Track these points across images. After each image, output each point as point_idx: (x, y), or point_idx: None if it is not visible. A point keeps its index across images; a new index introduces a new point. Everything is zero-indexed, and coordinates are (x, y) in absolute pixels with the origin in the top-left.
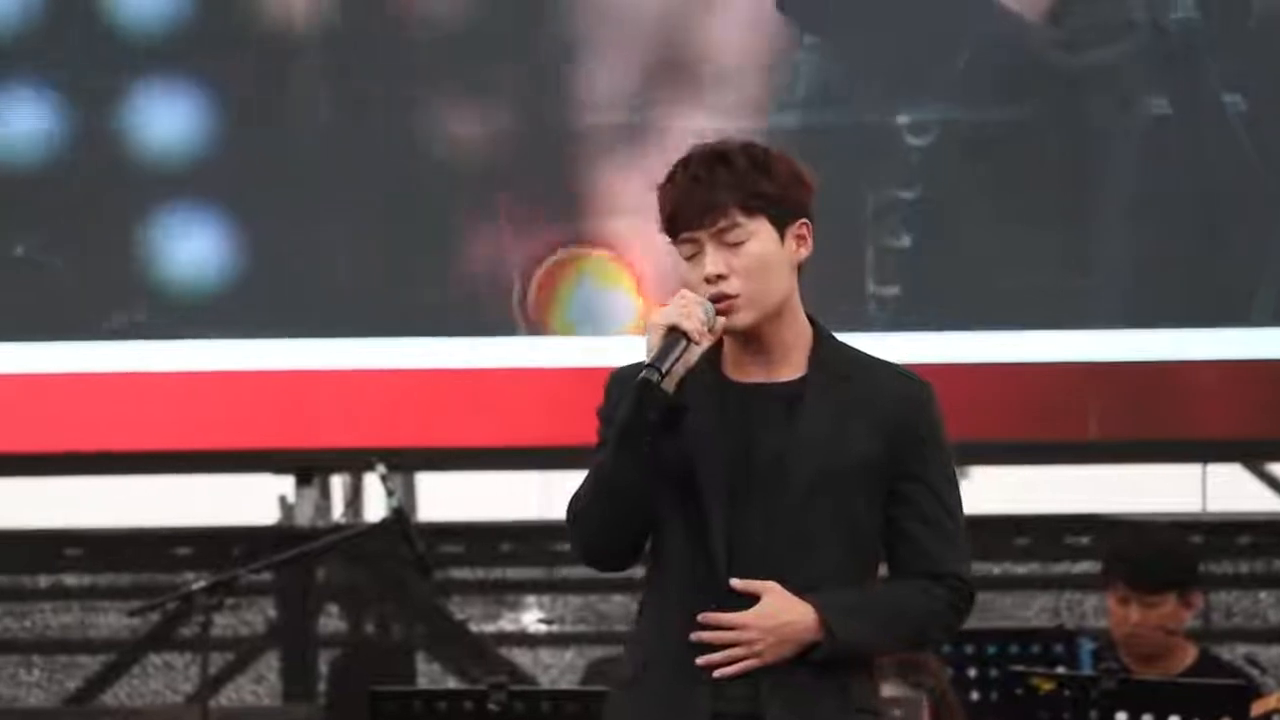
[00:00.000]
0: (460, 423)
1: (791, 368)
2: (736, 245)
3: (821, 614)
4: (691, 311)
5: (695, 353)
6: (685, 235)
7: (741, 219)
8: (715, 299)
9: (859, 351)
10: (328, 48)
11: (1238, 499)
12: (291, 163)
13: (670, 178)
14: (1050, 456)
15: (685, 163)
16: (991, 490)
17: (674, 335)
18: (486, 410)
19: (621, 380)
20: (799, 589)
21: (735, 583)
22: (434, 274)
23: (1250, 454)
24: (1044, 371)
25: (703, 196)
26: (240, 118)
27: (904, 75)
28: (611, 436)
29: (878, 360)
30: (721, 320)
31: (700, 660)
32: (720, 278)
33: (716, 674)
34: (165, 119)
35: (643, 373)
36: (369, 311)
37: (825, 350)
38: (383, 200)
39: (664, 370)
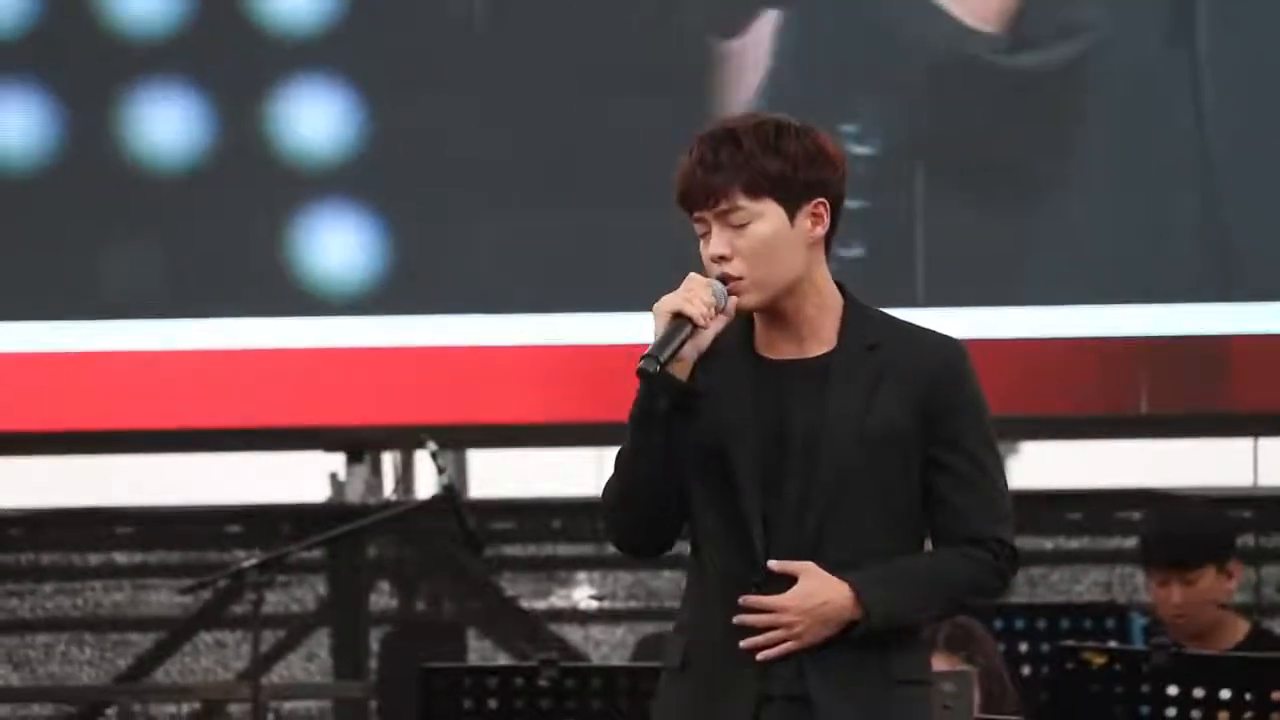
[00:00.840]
0: (511, 399)
1: (821, 342)
2: (740, 227)
3: (857, 591)
4: (695, 295)
5: (705, 336)
6: (695, 215)
7: (745, 201)
8: (723, 279)
9: (890, 318)
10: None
11: None
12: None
13: (688, 153)
14: (1102, 431)
15: (698, 142)
16: (1043, 465)
17: (678, 321)
18: (537, 386)
19: None
20: (840, 566)
21: (772, 564)
22: (487, 252)
23: None
24: (1095, 346)
25: (707, 178)
26: None
27: (849, 83)
28: (628, 427)
29: (909, 325)
30: (733, 300)
31: (744, 644)
32: (723, 259)
33: (759, 656)
34: (161, 123)
35: (640, 363)
36: (422, 289)
37: (855, 320)
38: (440, 183)
39: (662, 359)
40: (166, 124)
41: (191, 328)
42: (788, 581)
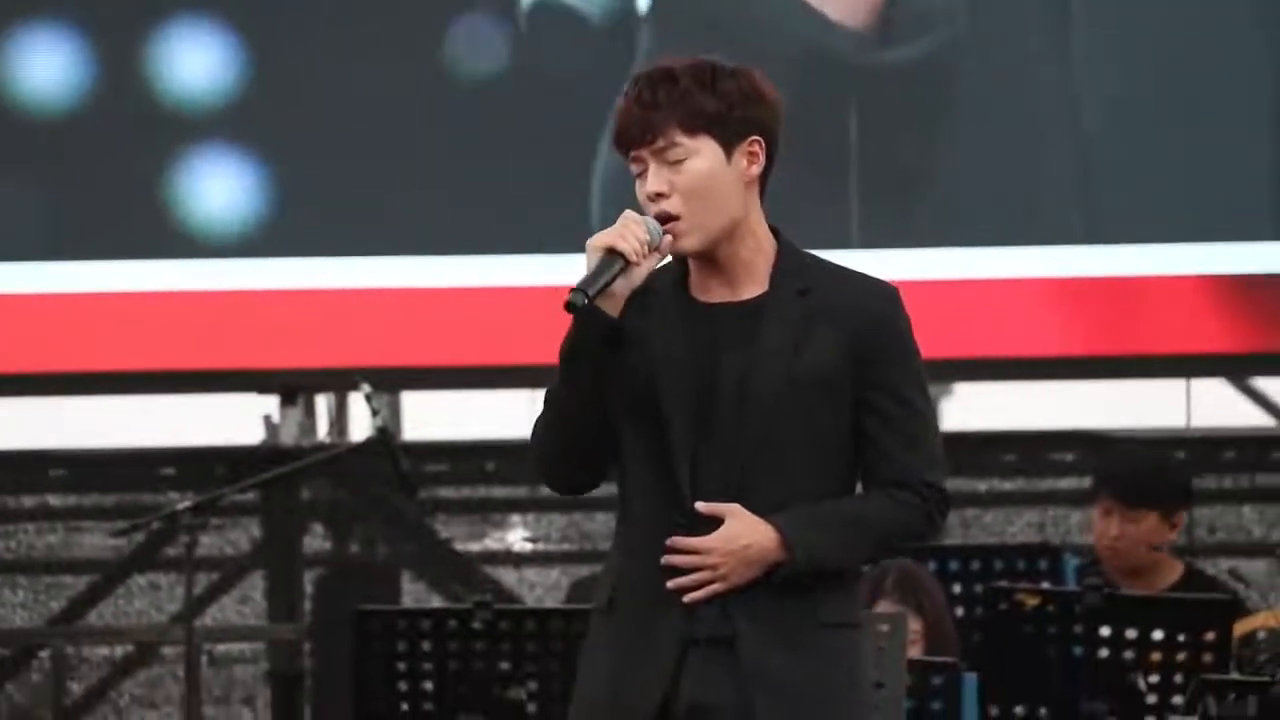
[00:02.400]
0: (445, 341)
1: (755, 284)
2: (677, 164)
3: (782, 533)
4: (629, 231)
5: (638, 273)
6: (631, 154)
7: (682, 138)
8: (660, 218)
9: (824, 261)
10: None
11: (1222, 414)
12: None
13: (625, 95)
14: (1035, 372)
15: (635, 82)
16: (976, 407)
17: (610, 256)
18: (472, 328)
19: None
20: (769, 508)
21: (698, 506)
22: (422, 191)
23: (1235, 369)
24: (1028, 287)
25: (644, 116)
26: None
27: None
28: (559, 360)
29: (842, 268)
30: (668, 239)
31: (670, 584)
32: (660, 196)
33: (685, 599)
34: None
35: (569, 296)
36: (352, 230)
37: (788, 263)
38: (370, 124)
39: (591, 293)
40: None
41: (125, 269)
42: (715, 523)
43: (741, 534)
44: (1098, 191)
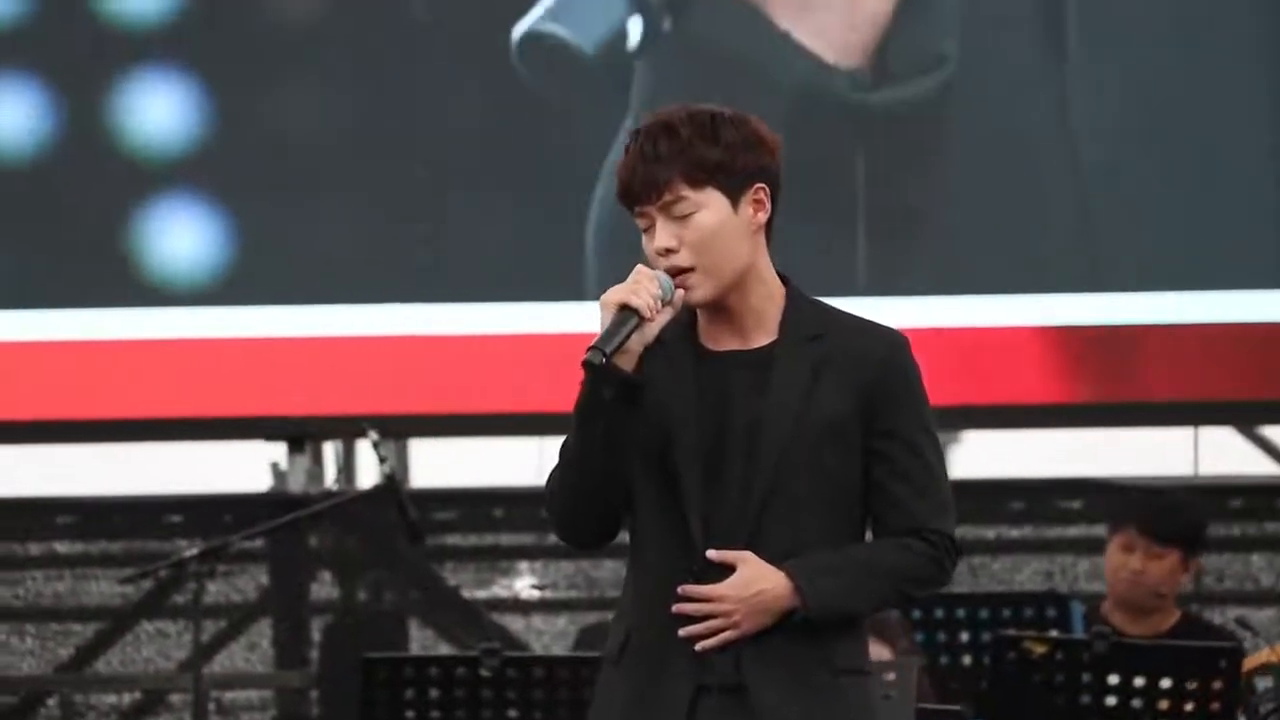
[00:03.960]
0: (453, 389)
1: (764, 332)
2: (685, 218)
3: (794, 579)
4: (642, 288)
5: (651, 328)
6: (636, 210)
7: (687, 191)
8: (671, 272)
9: (832, 309)
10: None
11: (1230, 462)
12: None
13: (626, 150)
14: (1043, 421)
15: (636, 135)
16: (984, 454)
17: (625, 313)
18: (480, 376)
19: None
20: (781, 556)
21: (710, 554)
22: (427, 240)
23: (1242, 417)
24: (1037, 335)
25: (647, 171)
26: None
27: None
28: (573, 418)
29: (851, 316)
30: (680, 293)
31: (682, 632)
32: (670, 251)
33: (698, 647)
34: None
35: (586, 355)
36: (361, 278)
37: (797, 311)
38: (374, 169)
39: (608, 351)
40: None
41: (133, 316)
42: (726, 571)
43: (754, 581)
44: (1102, 238)
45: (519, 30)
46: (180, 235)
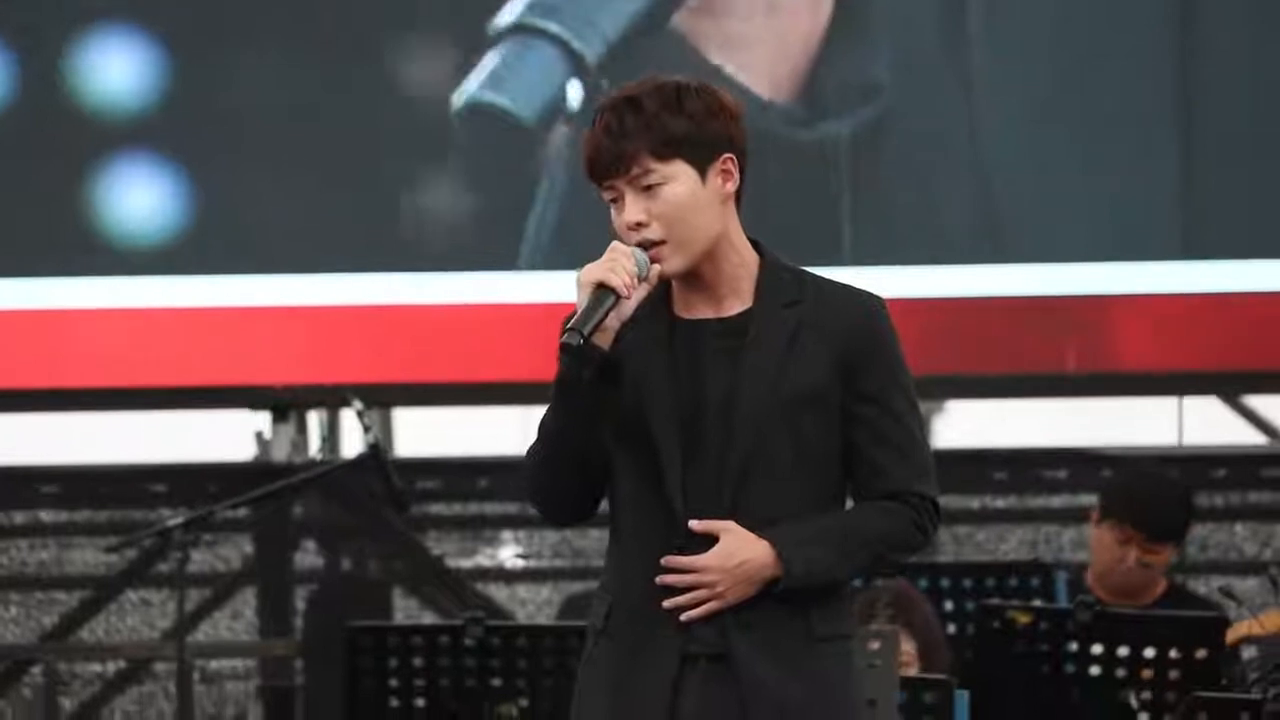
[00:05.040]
0: (437, 358)
1: (739, 299)
2: (653, 190)
3: (777, 549)
4: (618, 265)
5: (628, 306)
6: (605, 183)
7: (654, 164)
8: (644, 246)
9: (807, 273)
10: None
11: (1214, 432)
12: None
13: (592, 124)
14: (1027, 390)
15: (601, 111)
16: (968, 424)
17: (601, 291)
18: (464, 345)
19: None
20: (762, 522)
21: (693, 524)
22: (410, 208)
23: (1226, 386)
24: (1020, 305)
25: (613, 145)
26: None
27: None
28: (551, 396)
29: (826, 280)
30: (656, 267)
31: (667, 604)
32: (640, 225)
33: (683, 617)
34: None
35: (564, 336)
36: (344, 246)
37: (772, 277)
38: (351, 137)
39: (586, 331)
40: None
41: (117, 284)
42: (709, 541)
43: (736, 551)
44: (1095, 208)
45: (459, 98)
46: (142, 198)
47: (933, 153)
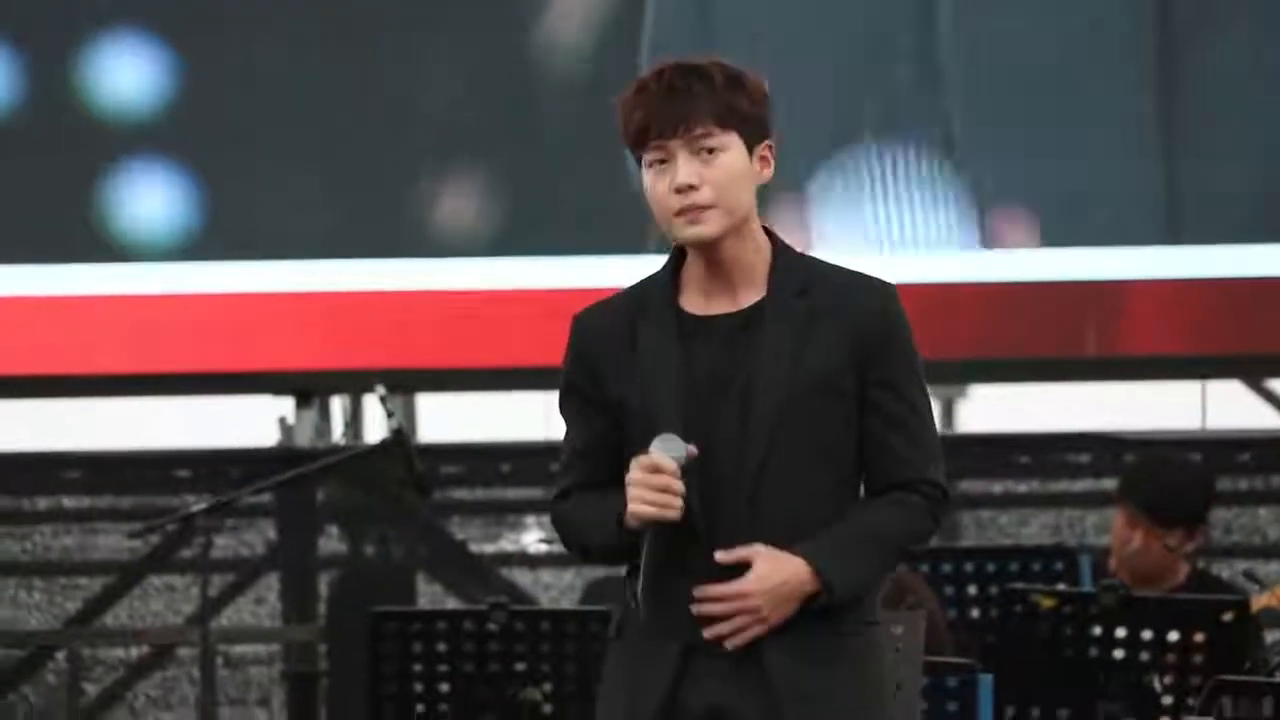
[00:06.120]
0: (460, 343)
1: (754, 289)
2: (710, 154)
3: (813, 565)
4: (670, 501)
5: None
6: (657, 143)
7: (716, 129)
8: (687, 209)
9: (818, 261)
10: None
11: (1237, 415)
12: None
13: (640, 88)
14: (1050, 374)
15: (659, 74)
16: (991, 408)
17: (657, 531)
18: (487, 331)
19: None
20: (780, 515)
21: (719, 556)
22: (431, 195)
23: (1250, 370)
24: (1042, 289)
25: (679, 105)
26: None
27: None
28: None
29: (838, 268)
30: (692, 449)
31: (708, 633)
32: (691, 188)
33: (728, 645)
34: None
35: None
36: (368, 232)
37: (784, 265)
38: (367, 130)
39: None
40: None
41: (140, 271)
42: (728, 539)
43: (773, 573)
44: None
45: None
46: (154, 194)
47: None
